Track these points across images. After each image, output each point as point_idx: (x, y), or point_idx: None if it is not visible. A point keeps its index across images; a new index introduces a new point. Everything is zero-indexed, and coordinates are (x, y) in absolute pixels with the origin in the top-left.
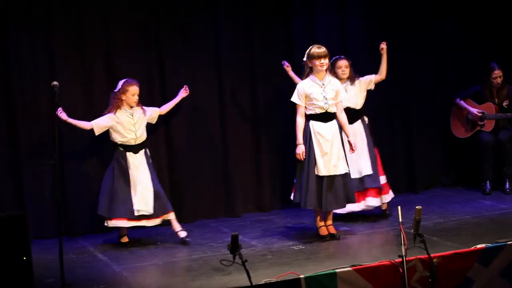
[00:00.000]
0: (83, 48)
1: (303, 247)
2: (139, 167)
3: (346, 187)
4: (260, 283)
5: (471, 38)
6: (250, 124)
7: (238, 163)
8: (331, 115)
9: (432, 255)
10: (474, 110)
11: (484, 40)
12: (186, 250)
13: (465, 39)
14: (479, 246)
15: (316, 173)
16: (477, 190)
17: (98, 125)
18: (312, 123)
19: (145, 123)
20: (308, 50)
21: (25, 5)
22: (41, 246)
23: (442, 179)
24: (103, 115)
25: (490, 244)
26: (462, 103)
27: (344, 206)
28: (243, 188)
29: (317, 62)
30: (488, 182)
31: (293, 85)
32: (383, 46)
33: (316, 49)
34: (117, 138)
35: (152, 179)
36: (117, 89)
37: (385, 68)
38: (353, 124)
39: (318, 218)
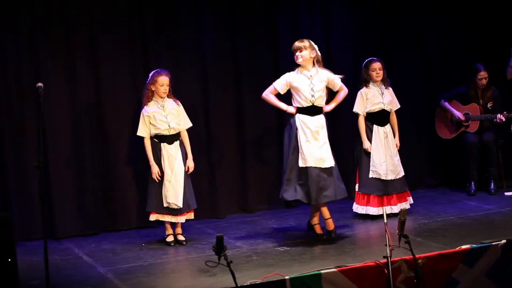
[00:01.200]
0: (67, 48)
1: (288, 248)
2: (173, 159)
3: (335, 180)
4: (245, 284)
5: (457, 38)
6: (235, 123)
7: (222, 163)
8: (318, 109)
9: (417, 256)
10: (458, 113)
11: (470, 41)
12: (171, 251)
13: (451, 39)
14: (464, 246)
15: (303, 164)
16: (461, 191)
17: (146, 132)
18: (299, 116)
19: (183, 115)
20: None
21: (8, 5)
22: (26, 248)
23: (426, 180)
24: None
25: (475, 245)
26: (446, 104)
27: (334, 199)
28: (228, 188)
29: (295, 56)
30: (473, 183)
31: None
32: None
33: (294, 44)
34: (152, 129)
35: (185, 173)
36: (148, 80)
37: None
38: (384, 127)
39: (313, 214)
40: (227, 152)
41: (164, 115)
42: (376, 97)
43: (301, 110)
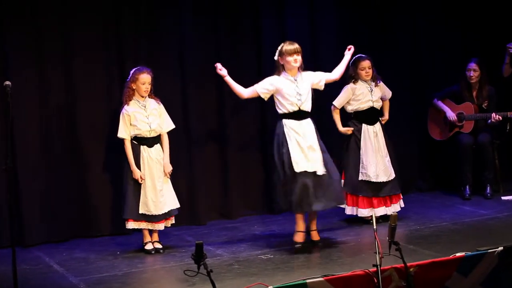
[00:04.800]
0: (39, 47)
1: (272, 256)
2: (153, 162)
3: (330, 187)
4: None
5: (451, 37)
6: (216, 125)
7: (202, 167)
8: (305, 113)
9: (408, 264)
10: (451, 114)
11: (465, 39)
12: (147, 260)
13: (445, 37)
14: (458, 254)
15: (296, 171)
16: (456, 195)
17: (126, 133)
18: (285, 121)
19: (165, 115)
20: (280, 47)
21: None
22: None
23: (418, 184)
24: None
25: (470, 253)
26: (439, 103)
27: (331, 206)
28: (208, 193)
29: (290, 59)
30: (467, 187)
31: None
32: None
33: (288, 46)
34: (131, 130)
35: (165, 177)
36: (128, 78)
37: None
38: (374, 125)
39: (301, 221)
40: (207, 155)
41: (145, 115)
42: (364, 94)
43: (286, 116)
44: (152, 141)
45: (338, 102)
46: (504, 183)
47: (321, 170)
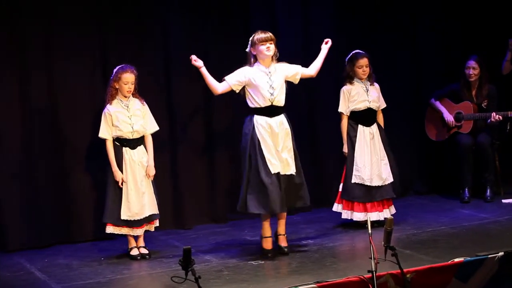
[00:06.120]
0: (19, 46)
1: (263, 262)
2: (136, 165)
3: (301, 188)
4: None
5: (450, 35)
6: (203, 125)
7: (189, 169)
8: (278, 109)
9: (405, 270)
10: (448, 117)
11: (465, 37)
12: (133, 266)
13: (444, 36)
14: (457, 260)
15: (265, 171)
16: (454, 198)
17: (108, 133)
18: (256, 118)
19: (149, 116)
20: (251, 37)
21: None
22: None
23: (416, 186)
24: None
25: (469, 258)
26: (437, 104)
27: (298, 206)
28: (195, 196)
29: (262, 47)
30: (466, 189)
31: None
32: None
33: (260, 34)
34: (113, 131)
35: (148, 181)
36: (112, 76)
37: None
38: (370, 127)
39: (267, 226)
40: (194, 156)
41: (128, 115)
42: (360, 94)
43: (258, 111)
44: (134, 143)
45: (343, 108)
46: (504, 186)
47: (292, 170)
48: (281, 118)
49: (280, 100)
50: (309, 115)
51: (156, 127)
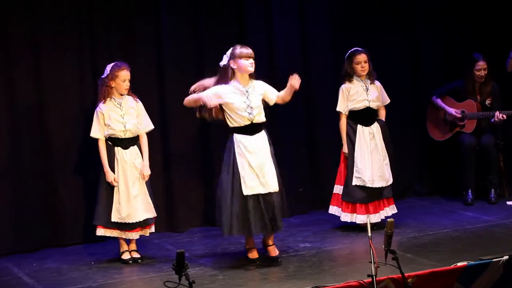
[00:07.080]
0: (4, 43)
1: (259, 266)
2: (128, 166)
3: (279, 207)
4: None
5: (451, 30)
6: (196, 125)
7: (182, 169)
8: (259, 126)
9: (406, 274)
10: (452, 111)
11: (467, 31)
12: (124, 270)
13: (444, 36)
14: (459, 264)
15: (242, 192)
16: (457, 200)
17: (100, 132)
18: (236, 136)
19: (143, 114)
20: (231, 50)
21: None
22: None
23: (417, 188)
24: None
25: (472, 262)
26: (439, 101)
27: (277, 229)
28: (189, 198)
29: (246, 62)
30: (470, 191)
31: None
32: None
33: (244, 49)
34: (105, 130)
35: (142, 182)
36: (104, 74)
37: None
38: (370, 126)
39: (249, 238)
40: (188, 156)
41: (120, 114)
42: (360, 93)
43: (238, 130)
44: (127, 143)
45: (341, 107)
46: (509, 187)
47: (272, 188)
48: (262, 135)
49: (260, 118)
50: (308, 116)
51: (151, 126)
